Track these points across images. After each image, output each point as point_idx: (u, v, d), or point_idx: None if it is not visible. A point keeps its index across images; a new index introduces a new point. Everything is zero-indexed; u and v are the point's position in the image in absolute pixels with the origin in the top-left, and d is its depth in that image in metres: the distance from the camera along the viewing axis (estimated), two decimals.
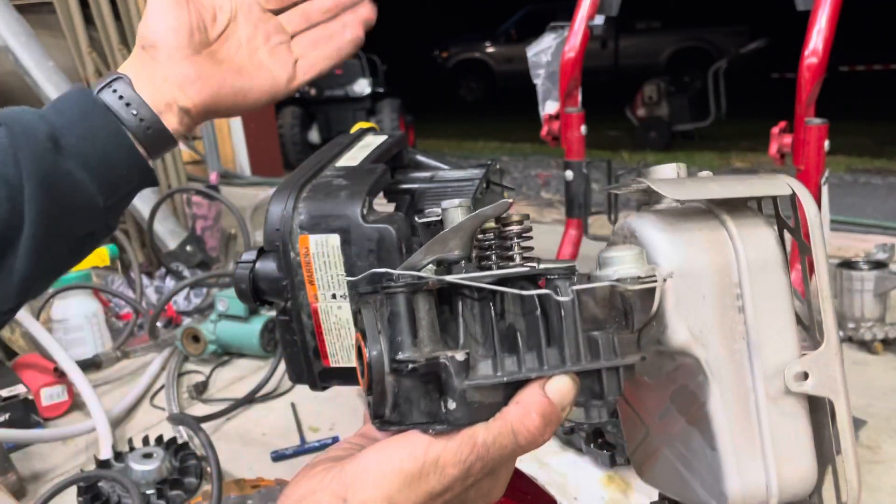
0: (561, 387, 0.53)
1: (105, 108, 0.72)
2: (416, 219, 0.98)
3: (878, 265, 2.36)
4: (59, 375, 2.25)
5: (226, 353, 2.64)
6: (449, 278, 0.55)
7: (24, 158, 0.66)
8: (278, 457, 2.01)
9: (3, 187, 0.65)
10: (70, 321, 2.55)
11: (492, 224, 0.59)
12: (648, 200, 0.63)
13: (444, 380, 0.53)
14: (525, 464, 1.23)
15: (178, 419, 2.05)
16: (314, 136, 7.73)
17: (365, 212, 1.07)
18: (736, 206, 0.58)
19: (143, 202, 3.12)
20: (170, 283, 3.19)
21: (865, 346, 2.36)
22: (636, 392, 0.66)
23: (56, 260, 0.73)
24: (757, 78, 10.18)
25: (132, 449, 1.85)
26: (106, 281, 2.98)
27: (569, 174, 2.23)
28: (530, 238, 0.58)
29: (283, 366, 1.82)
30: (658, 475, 0.66)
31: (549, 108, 2.31)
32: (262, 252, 1.16)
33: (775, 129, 1.84)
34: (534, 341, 0.55)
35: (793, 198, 0.57)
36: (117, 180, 0.73)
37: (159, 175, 3.50)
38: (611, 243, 0.61)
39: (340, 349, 1.13)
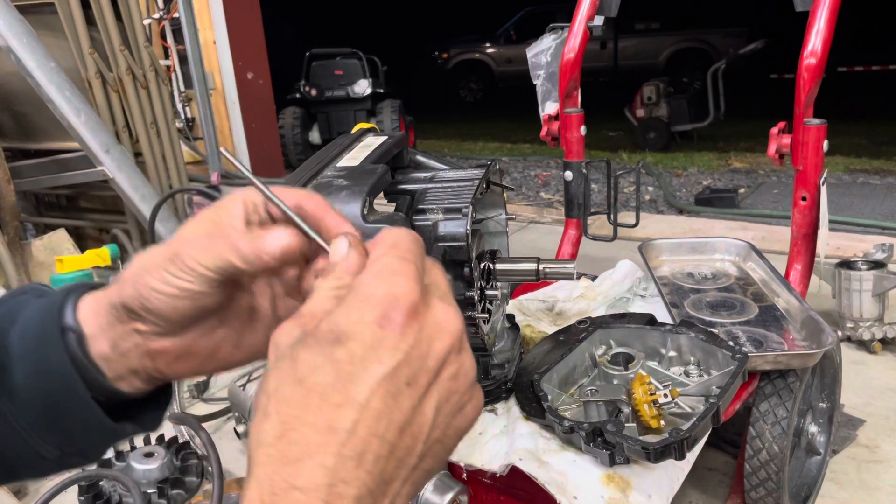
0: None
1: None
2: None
3: (877, 265, 2.37)
4: None
5: None
6: None
7: None
8: None
9: None
10: None
11: None
12: None
13: None
14: (524, 463, 1.23)
15: (179, 418, 2.05)
16: (315, 136, 7.73)
17: (365, 212, 1.08)
18: None
19: (144, 202, 3.12)
20: None
21: (864, 345, 2.37)
22: None
23: None
24: (756, 79, 10.19)
25: (133, 448, 1.85)
26: (107, 281, 2.99)
27: (568, 174, 2.24)
28: None
29: None
30: None
31: (548, 108, 2.32)
32: None
33: (774, 130, 1.84)
34: None
35: None
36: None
37: (161, 176, 3.50)
38: None
39: None
